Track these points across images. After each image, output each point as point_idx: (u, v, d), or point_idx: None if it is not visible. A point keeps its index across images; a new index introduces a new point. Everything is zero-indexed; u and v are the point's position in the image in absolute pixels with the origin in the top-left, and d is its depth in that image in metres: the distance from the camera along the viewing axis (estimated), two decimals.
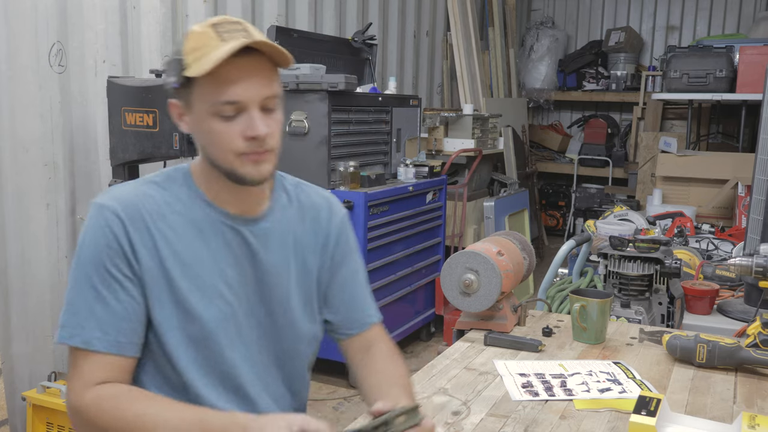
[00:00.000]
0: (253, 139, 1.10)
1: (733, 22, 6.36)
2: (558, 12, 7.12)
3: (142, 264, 1.11)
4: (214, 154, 1.13)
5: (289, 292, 1.23)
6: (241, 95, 1.08)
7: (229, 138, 1.10)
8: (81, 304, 1.10)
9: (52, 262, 2.62)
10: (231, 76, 1.07)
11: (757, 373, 1.44)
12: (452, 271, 1.63)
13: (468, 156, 4.30)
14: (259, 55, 1.09)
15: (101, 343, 1.09)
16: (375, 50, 4.18)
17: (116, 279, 1.10)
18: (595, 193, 5.81)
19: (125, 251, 1.11)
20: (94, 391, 1.08)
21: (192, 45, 1.09)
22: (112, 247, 1.10)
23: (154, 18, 2.95)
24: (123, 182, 1.19)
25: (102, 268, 1.10)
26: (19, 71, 2.46)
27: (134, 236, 1.11)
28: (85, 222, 1.14)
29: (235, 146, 1.10)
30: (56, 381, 2.46)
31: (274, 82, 1.12)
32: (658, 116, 5.84)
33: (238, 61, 1.07)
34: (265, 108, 1.11)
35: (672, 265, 1.97)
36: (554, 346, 1.60)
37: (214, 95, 1.08)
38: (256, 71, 1.09)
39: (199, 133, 1.14)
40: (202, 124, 1.12)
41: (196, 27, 1.12)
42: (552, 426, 1.20)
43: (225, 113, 1.09)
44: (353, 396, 3.23)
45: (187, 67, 1.09)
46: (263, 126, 1.10)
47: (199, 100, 1.11)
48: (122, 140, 2.54)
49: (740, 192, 3.57)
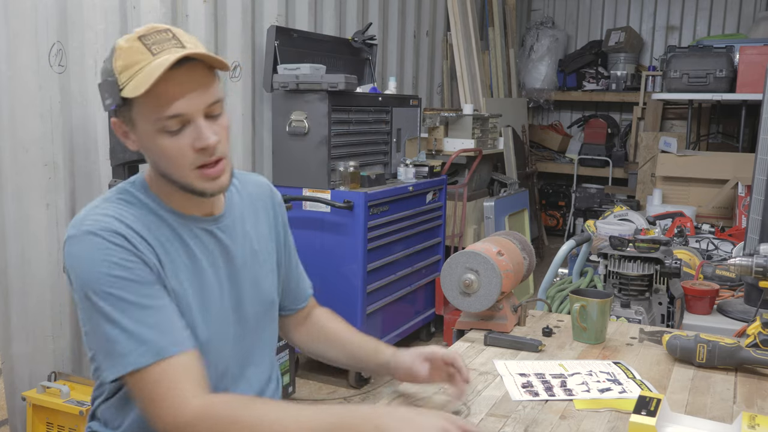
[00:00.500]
0: (204, 150, 1.08)
1: (733, 22, 6.36)
2: (558, 12, 7.12)
3: (155, 271, 1.10)
4: (168, 170, 1.11)
5: (259, 279, 1.27)
6: (184, 108, 1.06)
7: (179, 153, 1.08)
8: (126, 325, 1.04)
9: (52, 262, 2.62)
10: (170, 90, 1.05)
11: (757, 373, 1.44)
12: (452, 271, 1.63)
13: (468, 156, 4.30)
14: (194, 63, 1.07)
15: (173, 347, 1.05)
16: (375, 50, 4.18)
17: (145, 283, 1.07)
18: (595, 193, 5.81)
19: (143, 258, 1.08)
20: (198, 400, 1.03)
21: (122, 63, 1.06)
22: (130, 259, 1.06)
23: (154, 18, 2.95)
24: (84, 209, 1.13)
25: (126, 282, 1.05)
26: (19, 71, 2.46)
27: (140, 246, 1.09)
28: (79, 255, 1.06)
29: (187, 160, 1.09)
30: (56, 381, 2.46)
31: (214, 87, 1.10)
32: (658, 116, 5.84)
33: (174, 74, 1.04)
34: (209, 115, 1.10)
35: (672, 265, 1.97)
36: (554, 346, 1.60)
37: (156, 112, 1.06)
38: (194, 81, 1.07)
39: (148, 150, 1.12)
40: (149, 142, 1.09)
41: (122, 42, 1.08)
42: (552, 426, 1.20)
43: (170, 128, 1.07)
44: (353, 396, 3.23)
45: (123, 88, 1.05)
46: (211, 135, 1.08)
47: (141, 120, 1.08)
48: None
49: (740, 192, 3.57)
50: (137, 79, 1.03)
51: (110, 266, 1.05)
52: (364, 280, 3.23)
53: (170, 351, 1.04)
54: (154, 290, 1.08)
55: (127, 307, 1.04)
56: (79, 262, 1.06)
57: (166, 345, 1.04)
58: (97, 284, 1.04)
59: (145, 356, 1.03)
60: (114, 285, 1.04)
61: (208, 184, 1.11)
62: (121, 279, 1.05)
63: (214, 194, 1.14)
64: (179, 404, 1.02)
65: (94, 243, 1.06)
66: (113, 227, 1.07)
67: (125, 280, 1.05)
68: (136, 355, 1.03)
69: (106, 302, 1.04)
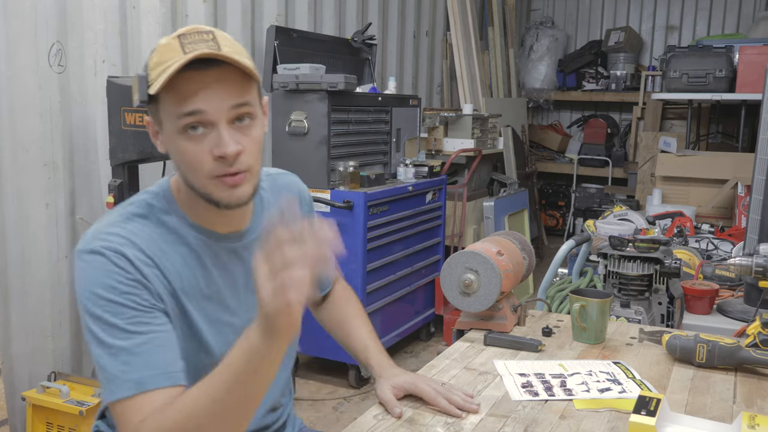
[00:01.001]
0: (222, 159, 1.02)
1: (732, 22, 6.36)
2: (558, 12, 7.12)
3: (161, 296, 1.05)
4: (188, 176, 1.06)
5: None
6: (201, 105, 1.00)
7: (198, 158, 1.03)
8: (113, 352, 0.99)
9: (52, 262, 2.62)
10: (191, 87, 1.01)
11: (757, 373, 1.44)
12: (452, 271, 1.63)
13: (468, 156, 4.30)
14: (227, 68, 1.02)
15: (155, 380, 0.99)
16: (375, 50, 4.18)
17: (140, 310, 1.02)
18: (594, 193, 5.82)
19: (143, 283, 1.03)
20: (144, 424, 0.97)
21: (156, 60, 1.03)
22: (128, 283, 1.02)
23: (153, 18, 2.95)
24: (100, 222, 1.09)
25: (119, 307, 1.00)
26: (19, 71, 2.46)
27: (145, 270, 1.04)
28: (80, 273, 1.03)
29: (206, 167, 1.03)
30: (56, 381, 2.47)
31: (244, 91, 1.04)
32: (657, 116, 5.84)
33: (200, 74, 1.01)
34: (236, 122, 1.04)
35: (672, 265, 1.97)
36: (554, 346, 1.60)
37: (175, 108, 1.01)
38: (220, 83, 1.02)
39: (172, 154, 1.07)
40: (172, 144, 1.05)
41: (163, 39, 1.05)
42: (552, 426, 1.20)
43: (189, 127, 1.01)
44: (353, 396, 3.23)
45: (150, 83, 1.03)
46: (233, 143, 1.02)
47: (166, 118, 1.04)
48: (122, 140, 2.54)
49: (740, 192, 3.57)
50: (163, 75, 1.00)
51: (106, 289, 1.01)
52: (364, 280, 3.23)
53: (151, 384, 0.98)
54: (148, 317, 1.02)
55: (117, 333, 1.00)
56: (79, 279, 1.03)
57: (148, 378, 0.99)
58: (91, 305, 1.01)
59: (123, 387, 0.98)
60: (106, 308, 1.00)
61: (225, 193, 1.05)
62: (114, 303, 1.00)
63: (230, 206, 1.07)
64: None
65: (96, 263, 1.02)
66: (120, 249, 1.03)
67: (118, 305, 1.00)
68: (118, 383, 0.99)
69: (97, 325, 1.00)
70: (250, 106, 1.05)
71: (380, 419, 1.22)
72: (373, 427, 1.20)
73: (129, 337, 1.00)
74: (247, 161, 1.05)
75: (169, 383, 0.99)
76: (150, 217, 1.10)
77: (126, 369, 0.98)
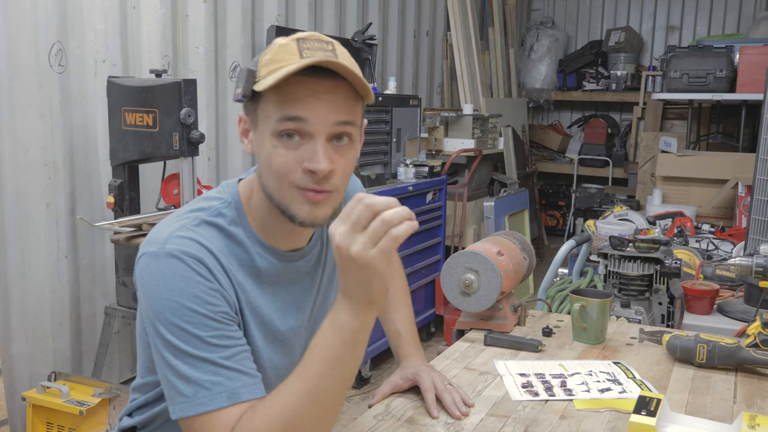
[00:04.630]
0: (312, 173, 0.97)
1: (733, 22, 6.36)
2: (558, 12, 7.12)
3: (234, 308, 1.02)
4: (270, 183, 1.01)
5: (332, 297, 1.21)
6: (305, 112, 0.96)
7: (286, 166, 0.98)
8: (197, 365, 0.95)
9: (52, 262, 2.62)
10: (300, 92, 0.96)
11: (757, 373, 1.44)
12: (452, 271, 1.63)
13: (468, 156, 4.30)
14: (340, 82, 0.98)
15: (247, 390, 0.95)
16: (375, 50, 4.18)
17: (224, 322, 0.98)
18: (595, 193, 5.81)
19: (223, 294, 0.99)
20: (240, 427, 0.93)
21: (269, 57, 0.98)
22: (210, 293, 0.97)
23: (154, 18, 2.95)
24: (168, 224, 1.03)
25: (204, 318, 0.96)
26: (19, 71, 2.46)
27: (222, 280, 1.00)
28: (154, 276, 0.97)
29: (292, 177, 0.98)
30: (56, 381, 2.46)
31: (351, 110, 0.99)
32: (658, 116, 5.84)
33: (312, 81, 0.96)
34: (334, 140, 0.99)
35: (672, 265, 1.97)
36: (554, 346, 1.60)
37: (278, 110, 0.97)
38: (331, 93, 0.97)
39: (259, 156, 1.03)
40: (262, 146, 1.01)
41: (281, 39, 1.00)
42: (552, 426, 1.20)
43: (286, 134, 0.97)
44: (353, 396, 3.23)
45: (258, 80, 0.98)
46: (327, 161, 0.96)
47: (263, 118, 1.00)
48: (122, 140, 2.54)
49: (740, 192, 3.56)
50: (274, 74, 0.95)
51: (189, 298, 0.95)
52: None
53: (246, 396, 0.95)
54: (231, 330, 0.98)
55: (201, 345, 0.95)
56: (155, 284, 0.96)
57: (241, 388, 0.95)
58: (169, 314, 0.95)
59: (216, 399, 0.94)
60: (189, 319, 0.95)
61: (305, 208, 1.00)
62: (198, 314, 0.95)
63: (305, 224, 1.01)
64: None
65: (175, 268, 0.96)
66: (198, 255, 0.98)
67: (203, 316, 0.95)
68: (209, 395, 0.94)
69: (176, 335, 0.95)
70: (352, 126, 1.00)
71: (380, 419, 1.22)
72: (373, 427, 1.19)
73: (216, 350, 0.95)
74: (336, 183, 1.00)
75: (259, 394, 0.97)
76: (220, 227, 1.05)
77: (218, 380, 0.94)
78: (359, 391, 3.28)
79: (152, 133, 2.46)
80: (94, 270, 2.82)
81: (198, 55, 3.17)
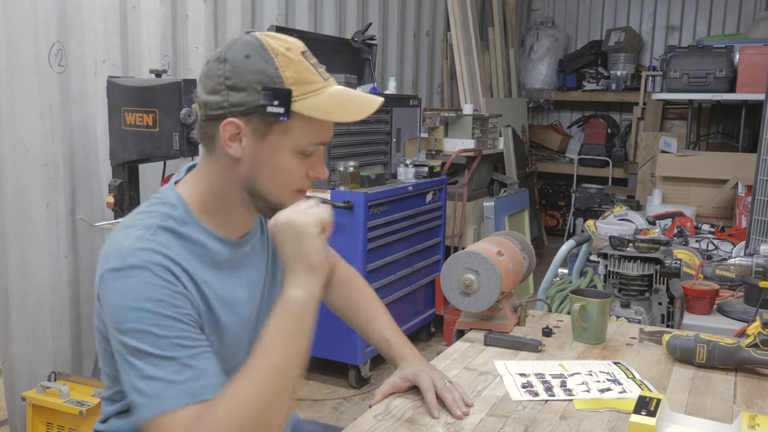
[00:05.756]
0: (313, 179, 1.13)
1: (733, 22, 6.36)
2: (558, 12, 7.12)
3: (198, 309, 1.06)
4: (267, 186, 1.10)
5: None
6: (329, 138, 1.11)
7: (294, 176, 1.10)
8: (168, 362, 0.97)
9: (52, 262, 2.62)
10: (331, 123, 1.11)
11: (757, 373, 1.44)
12: (452, 271, 1.63)
13: (468, 156, 4.30)
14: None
15: (210, 389, 0.97)
16: (375, 50, 4.18)
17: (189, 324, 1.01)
18: (595, 193, 5.81)
19: (187, 296, 1.03)
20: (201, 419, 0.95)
21: (293, 76, 1.04)
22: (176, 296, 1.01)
23: (154, 18, 2.95)
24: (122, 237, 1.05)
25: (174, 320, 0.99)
26: (19, 71, 2.46)
27: (186, 283, 1.04)
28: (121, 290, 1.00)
29: (296, 184, 1.11)
30: (56, 381, 2.46)
31: None
32: (658, 116, 5.84)
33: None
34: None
35: (672, 265, 1.97)
36: (554, 346, 1.60)
37: (313, 136, 1.08)
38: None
39: (259, 164, 1.08)
40: (268, 157, 1.07)
41: (282, 49, 1.05)
42: (552, 426, 1.20)
43: (307, 152, 1.09)
44: (353, 396, 3.23)
45: (295, 101, 1.04)
46: (326, 169, 1.15)
47: (281, 132, 1.06)
48: (122, 140, 2.53)
49: (740, 192, 3.57)
50: (317, 101, 1.05)
51: (155, 303, 0.99)
52: None
53: (206, 394, 0.97)
54: (195, 331, 1.02)
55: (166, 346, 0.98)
56: (120, 298, 1.00)
57: (200, 388, 0.97)
58: (134, 321, 0.98)
59: (178, 398, 0.96)
60: (154, 322, 0.98)
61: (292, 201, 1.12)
62: (164, 317, 0.99)
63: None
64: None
65: (142, 277, 1.00)
66: (162, 262, 1.02)
67: (168, 318, 0.99)
68: (171, 393, 0.96)
69: (141, 339, 0.97)
70: None
71: (380, 419, 1.22)
72: (373, 427, 1.20)
73: (181, 350, 0.98)
74: None
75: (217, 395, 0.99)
76: (173, 229, 1.08)
77: (182, 378, 0.97)
78: (359, 391, 3.28)
79: (152, 133, 2.46)
80: (94, 270, 2.80)
81: (198, 55, 3.17)
